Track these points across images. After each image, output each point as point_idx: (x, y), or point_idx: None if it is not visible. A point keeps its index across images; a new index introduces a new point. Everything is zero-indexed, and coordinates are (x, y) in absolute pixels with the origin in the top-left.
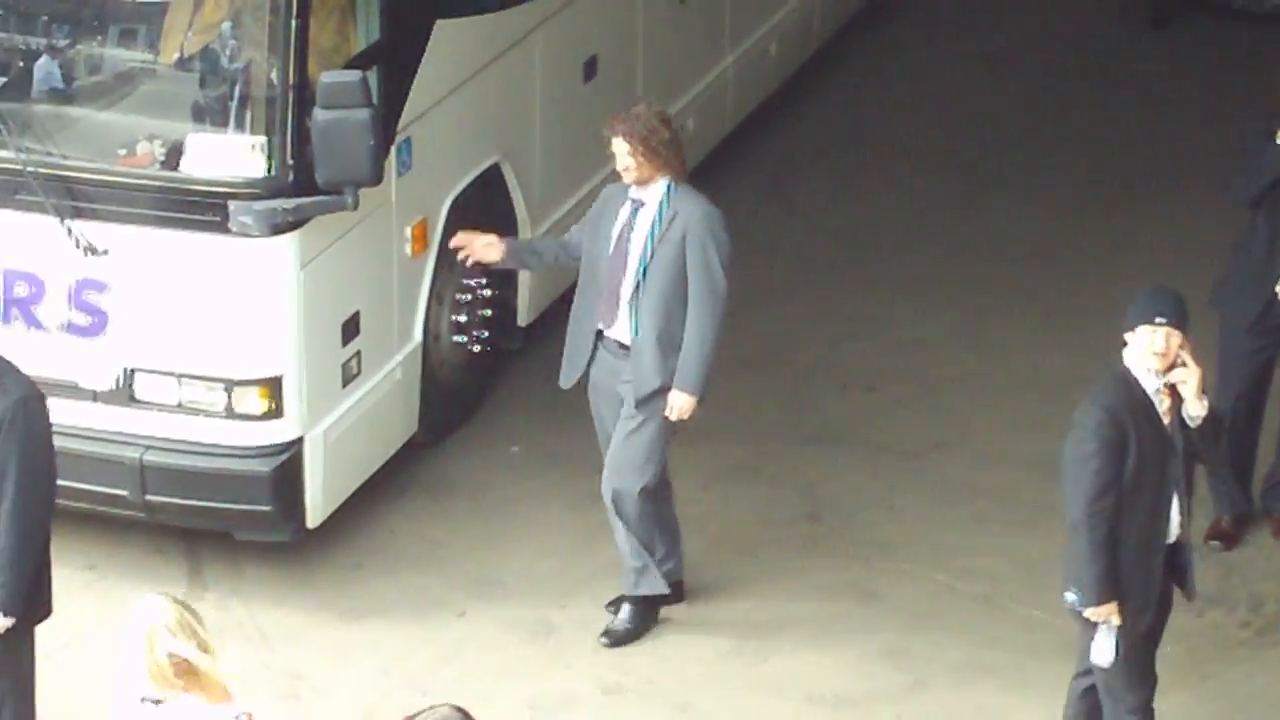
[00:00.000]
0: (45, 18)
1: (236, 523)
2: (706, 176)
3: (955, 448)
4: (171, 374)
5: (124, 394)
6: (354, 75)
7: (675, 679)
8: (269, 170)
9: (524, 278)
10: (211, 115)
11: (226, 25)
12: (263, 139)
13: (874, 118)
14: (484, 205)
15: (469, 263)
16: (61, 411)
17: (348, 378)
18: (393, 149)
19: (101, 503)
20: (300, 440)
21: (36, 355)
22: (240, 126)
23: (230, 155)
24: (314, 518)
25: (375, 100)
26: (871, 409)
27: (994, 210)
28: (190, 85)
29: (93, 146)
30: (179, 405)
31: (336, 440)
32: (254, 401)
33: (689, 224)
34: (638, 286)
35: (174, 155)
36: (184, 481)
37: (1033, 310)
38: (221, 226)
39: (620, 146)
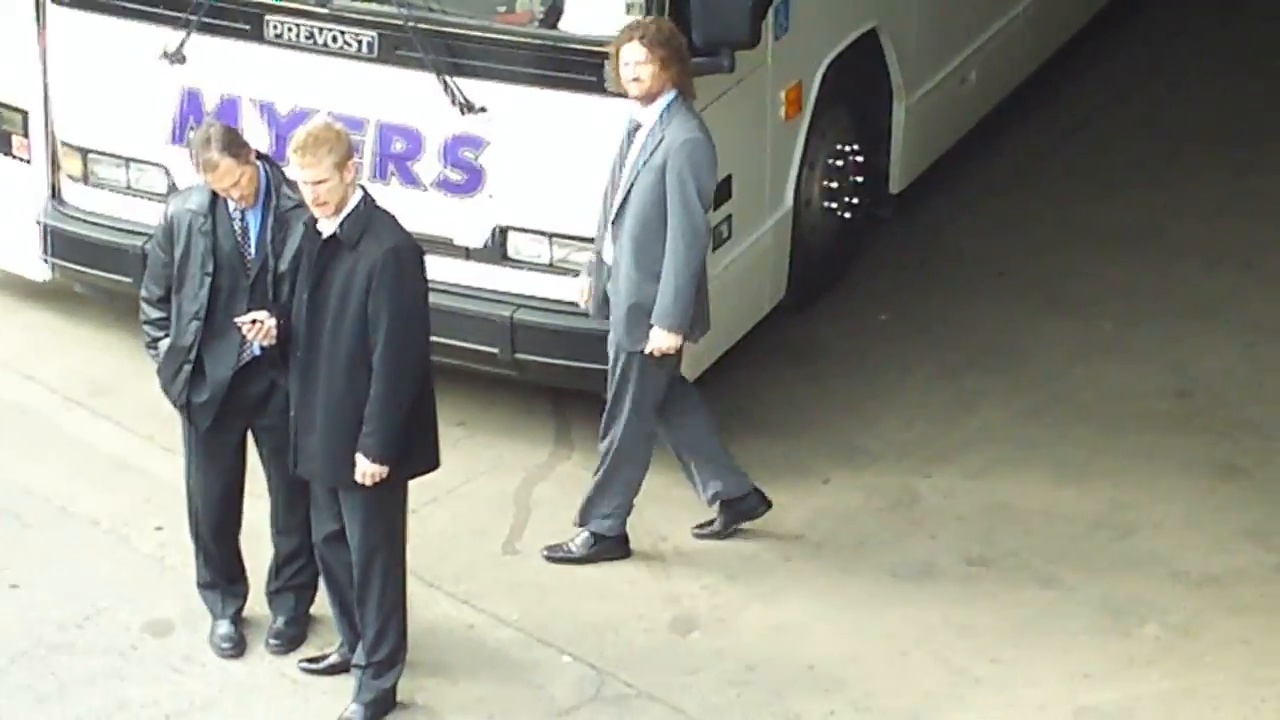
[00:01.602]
0: None
1: (604, 383)
2: (1085, 48)
3: None
4: (543, 233)
5: (496, 252)
6: None
7: (1038, 553)
8: None
9: (898, 143)
10: None
11: None
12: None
13: None
14: (859, 71)
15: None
16: (435, 268)
17: (718, 241)
18: (771, 10)
19: (473, 360)
20: None
21: (411, 211)
22: None
23: (608, 14)
24: None
25: None
26: (1246, 285)
27: None
28: None
29: (473, 3)
30: (550, 264)
31: None
32: None
33: (670, 150)
34: (621, 209)
35: (553, 14)
36: (553, 341)
37: None
38: (597, 86)
39: (635, 53)
